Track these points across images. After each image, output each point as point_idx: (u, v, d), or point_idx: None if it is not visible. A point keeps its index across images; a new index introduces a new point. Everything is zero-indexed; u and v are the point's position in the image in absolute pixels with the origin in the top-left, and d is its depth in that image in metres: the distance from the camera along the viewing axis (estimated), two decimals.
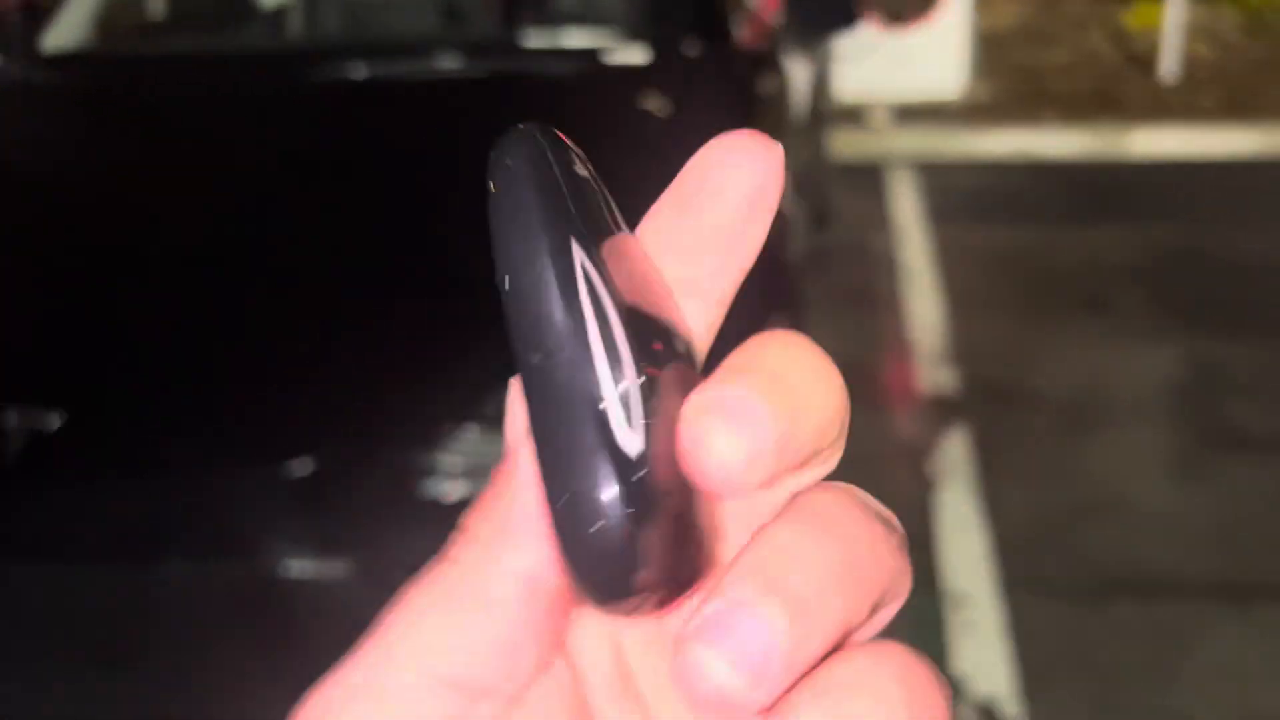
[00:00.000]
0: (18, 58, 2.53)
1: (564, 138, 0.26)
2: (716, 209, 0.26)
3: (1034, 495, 2.83)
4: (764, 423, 0.23)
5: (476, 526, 0.26)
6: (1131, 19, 6.20)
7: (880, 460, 2.99)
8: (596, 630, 0.27)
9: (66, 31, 2.61)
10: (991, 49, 5.93)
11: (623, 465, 0.23)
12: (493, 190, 0.25)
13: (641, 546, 0.23)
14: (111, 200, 2.04)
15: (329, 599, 1.50)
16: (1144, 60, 5.82)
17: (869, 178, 4.98)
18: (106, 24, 2.73)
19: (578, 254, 0.24)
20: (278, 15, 3.12)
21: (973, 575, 2.55)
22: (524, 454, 0.25)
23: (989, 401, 3.24)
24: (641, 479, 0.23)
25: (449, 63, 2.26)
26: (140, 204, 2.02)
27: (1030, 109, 5.47)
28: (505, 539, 0.25)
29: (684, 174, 0.27)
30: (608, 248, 0.24)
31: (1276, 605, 2.43)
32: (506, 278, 0.24)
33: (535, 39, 2.35)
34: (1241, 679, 2.24)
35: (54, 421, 1.57)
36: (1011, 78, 5.80)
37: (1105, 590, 2.50)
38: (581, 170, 0.26)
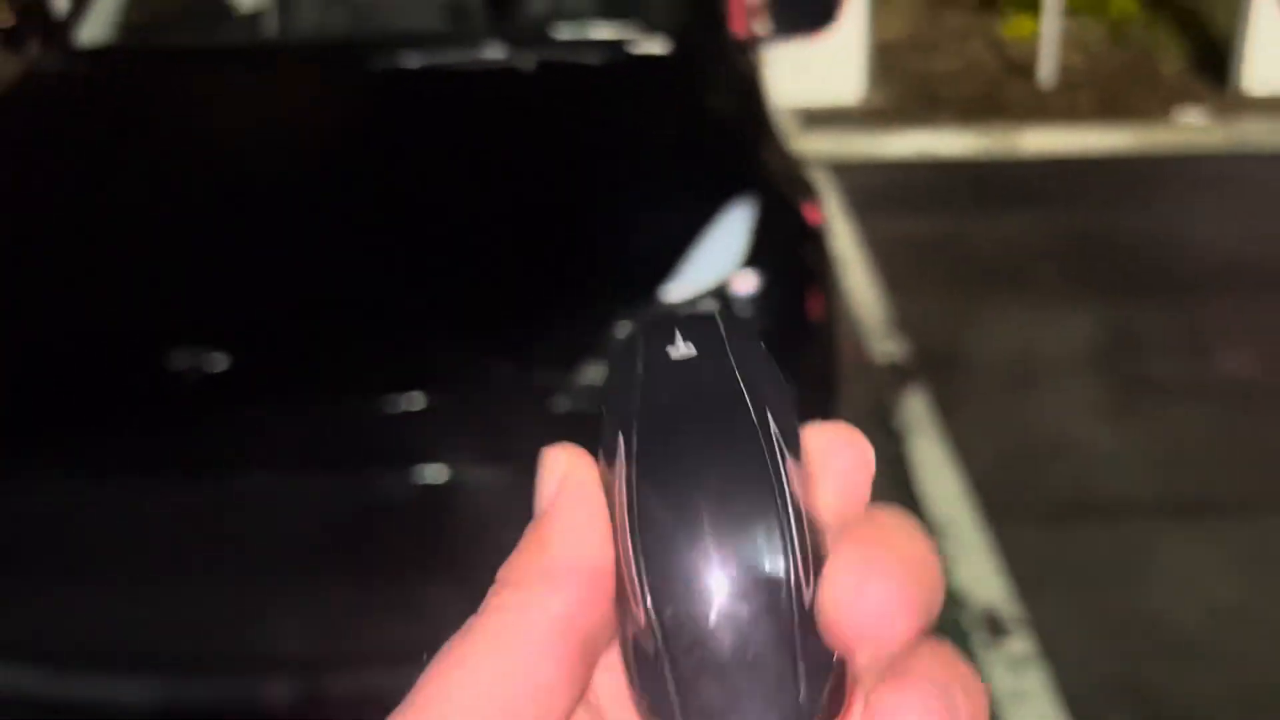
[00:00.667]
0: (55, 52, 2.63)
1: (727, 328, 0.31)
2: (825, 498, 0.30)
3: (993, 440, 3.16)
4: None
5: (515, 577, 0.28)
6: (1007, 30, 6.71)
7: (851, 420, 3.28)
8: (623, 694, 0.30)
9: (98, 26, 2.72)
10: (885, 58, 6.36)
11: None
12: (608, 361, 0.38)
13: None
14: (200, 173, 2.19)
15: (489, 501, 1.70)
16: (1022, 67, 6.33)
17: None
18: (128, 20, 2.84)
19: (621, 446, 0.28)
20: (255, 16, 3.27)
21: (953, 507, 2.86)
22: (555, 516, 0.29)
23: (936, 366, 3.57)
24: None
25: (495, 52, 2.46)
26: (228, 175, 2.17)
27: (926, 112, 5.90)
28: (545, 584, 0.28)
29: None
30: (662, 459, 0.28)
31: (1220, 518, 2.81)
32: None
33: (566, 31, 2.58)
34: (1200, 579, 2.59)
35: (221, 361, 1.73)
36: (906, 84, 6.24)
37: (1072, 514, 2.84)
38: (709, 374, 0.29)
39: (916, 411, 3.30)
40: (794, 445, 0.29)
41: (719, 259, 1.94)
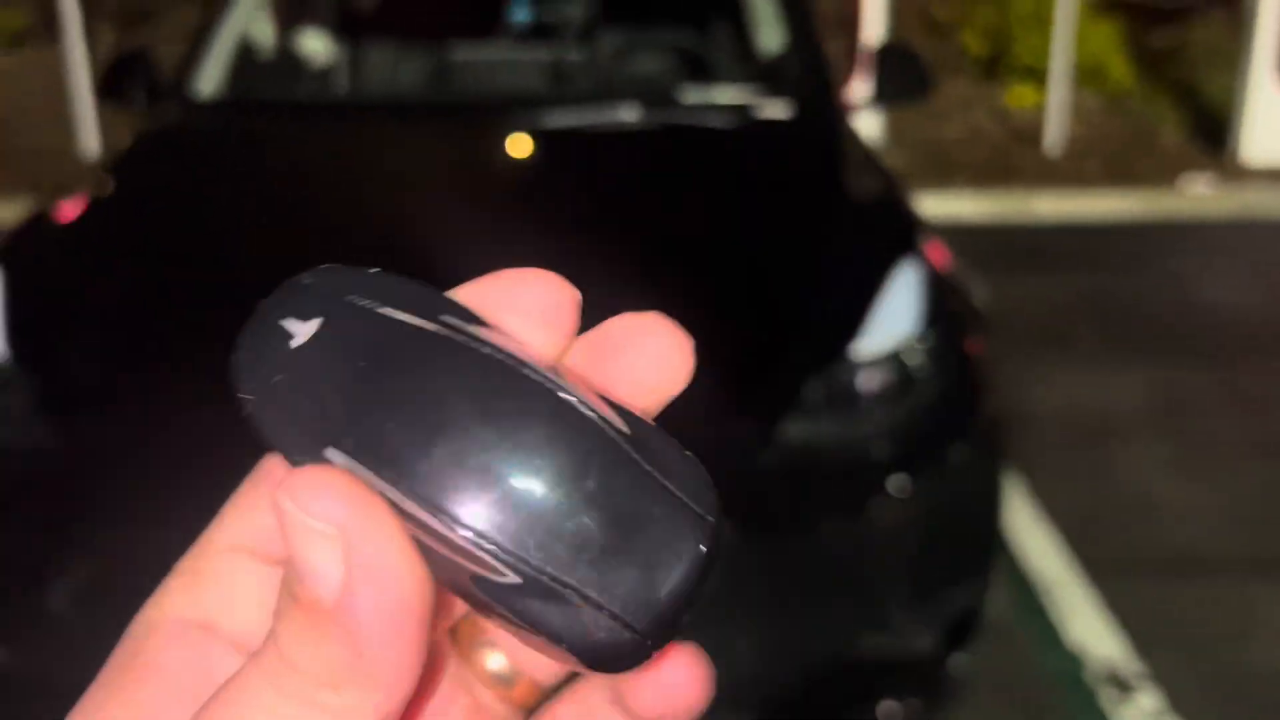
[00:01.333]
0: (173, 105, 2.63)
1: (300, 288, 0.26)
2: (626, 388, 0.28)
3: (1077, 497, 3.22)
4: None
5: (324, 675, 0.24)
6: (1011, 99, 6.90)
7: None
8: None
9: (211, 79, 2.72)
10: (896, 123, 6.51)
11: None
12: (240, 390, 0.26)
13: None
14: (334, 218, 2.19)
15: None
16: (1027, 135, 6.50)
17: None
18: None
19: (345, 457, 0.24)
20: (328, 73, 3.30)
21: (1053, 564, 2.90)
22: (361, 614, 0.24)
23: (1007, 424, 3.63)
24: None
25: (629, 115, 2.50)
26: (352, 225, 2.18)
27: (941, 177, 6.03)
28: (369, 689, 0.24)
29: (604, 337, 0.28)
30: (398, 434, 0.24)
31: None
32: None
33: (694, 95, 2.62)
34: None
35: None
36: (918, 150, 6.38)
37: (1172, 570, 2.89)
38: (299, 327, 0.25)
39: None
40: (474, 318, 0.26)
41: (900, 317, 1.98)
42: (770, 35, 3.08)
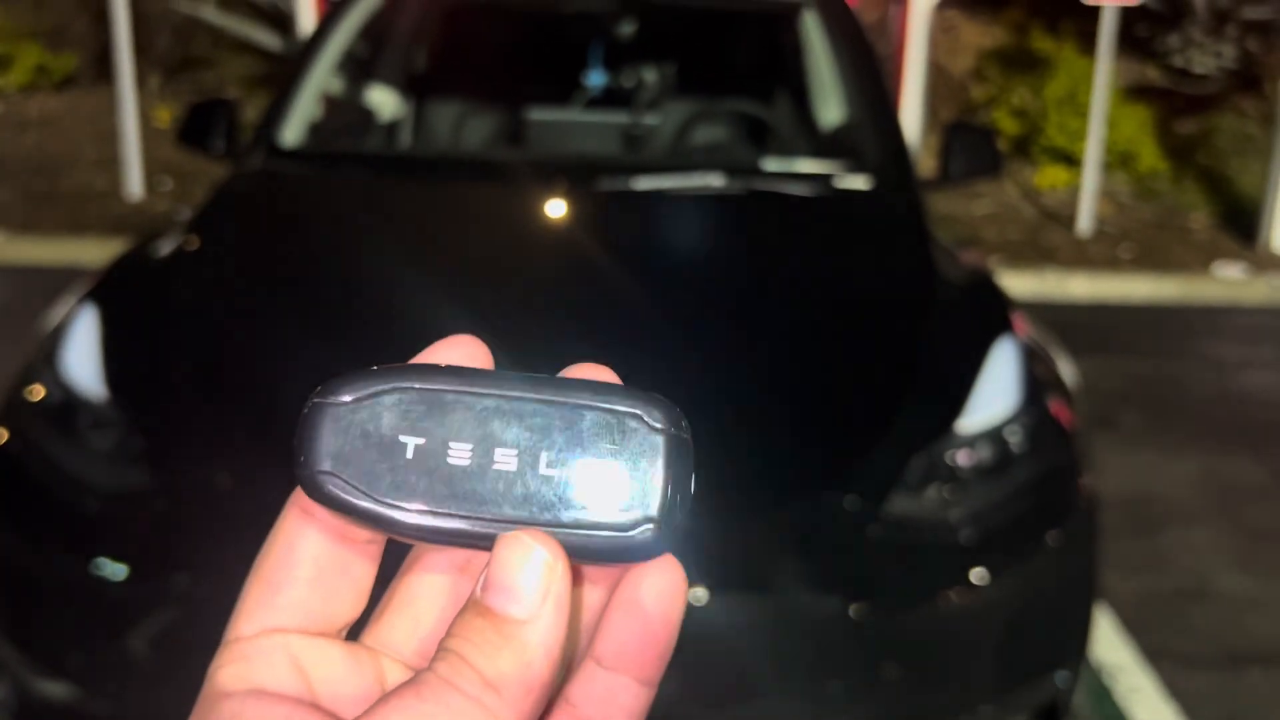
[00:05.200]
0: (260, 152, 2.64)
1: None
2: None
3: (1135, 584, 3.19)
4: None
5: (496, 676, 0.31)
6: (1041, 180, 6.96)
7: None
8: None
9: (295, 131, 2.74)
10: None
11: None
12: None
13: None
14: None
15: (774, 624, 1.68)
16: (1056, 215, 6.55)
17: None
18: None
19: None
20: (394, 127, 3.32)
21: (1115, 651, 2.86)
22: (542, 630, 0.31)
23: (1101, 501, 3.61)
24: None
25: (714, 180, 2.52)
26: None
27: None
28: (521, 699, 0.31)
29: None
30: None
31: None
32: None
33: (775, 164, 2.64)
34: None
35: None
36: (950, 227, 6.41)
37: (1233, 660, 2.85)
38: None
39: None
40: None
41: (1001, 394, 1.98)
42: (834, 107, 3.10)
